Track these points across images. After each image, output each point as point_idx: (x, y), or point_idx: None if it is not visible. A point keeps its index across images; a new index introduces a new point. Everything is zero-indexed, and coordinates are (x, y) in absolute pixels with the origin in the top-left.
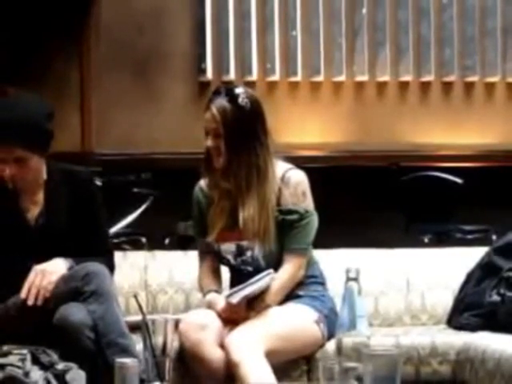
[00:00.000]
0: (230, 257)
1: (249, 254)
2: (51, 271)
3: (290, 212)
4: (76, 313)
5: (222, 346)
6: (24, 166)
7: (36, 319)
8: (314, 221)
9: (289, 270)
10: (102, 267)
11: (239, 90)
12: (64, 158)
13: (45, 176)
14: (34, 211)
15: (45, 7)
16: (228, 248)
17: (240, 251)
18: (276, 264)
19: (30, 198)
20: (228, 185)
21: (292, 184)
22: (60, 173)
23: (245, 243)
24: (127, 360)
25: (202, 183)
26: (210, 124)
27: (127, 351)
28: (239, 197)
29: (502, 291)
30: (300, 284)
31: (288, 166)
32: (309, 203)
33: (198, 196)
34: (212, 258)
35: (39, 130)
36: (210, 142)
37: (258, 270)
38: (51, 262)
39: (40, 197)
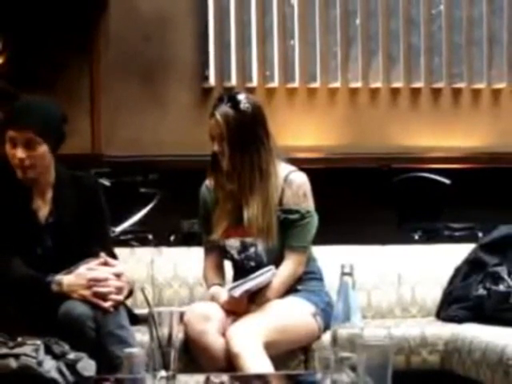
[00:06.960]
0: (233, 252)
1: (252, 250)
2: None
3: (292, 212)
4: (77, 306)
5: (225, 335)
6: (33, 152)
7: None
8: (315, 221)
9: (289, 266)
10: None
11: (241, 97)
12: (75, 160)
13: (53, 178)
14: (44, 210)
15: (57, 18)
16: (232, 244)
17: (244, 247)
18: (277, 260)
19: (41, 197)
20: (232, 186)
21: (294, 185)
22: (67, 176)
23: (249, 240)
24: (134, 350)
25: (208, 183)
26: (214, 130)
27: (125, 342)
28: (243, 197)
29: (487, 285)
30: (299, 279)
31: (291, 168)
32: (310, 204)
33: (205, 195)
34: (216, 254)
35: (54, 123)
36: (215, 147)
37: (260, 266)
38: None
39: (49, 196)
